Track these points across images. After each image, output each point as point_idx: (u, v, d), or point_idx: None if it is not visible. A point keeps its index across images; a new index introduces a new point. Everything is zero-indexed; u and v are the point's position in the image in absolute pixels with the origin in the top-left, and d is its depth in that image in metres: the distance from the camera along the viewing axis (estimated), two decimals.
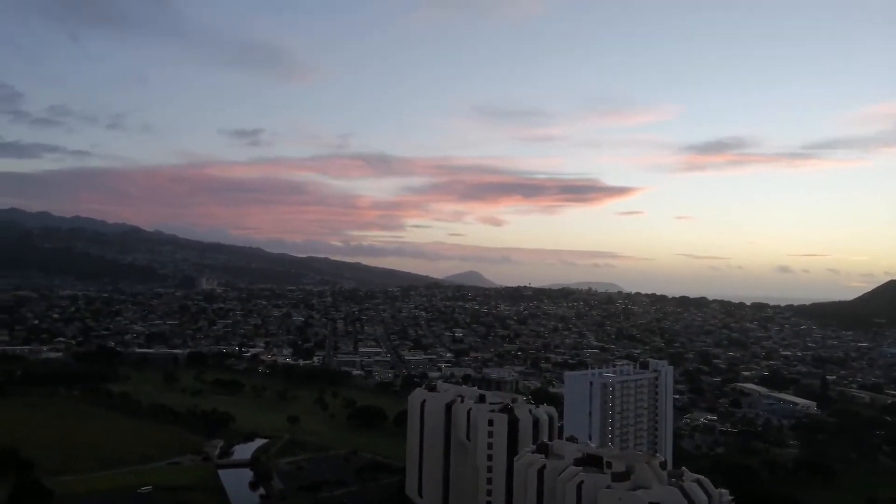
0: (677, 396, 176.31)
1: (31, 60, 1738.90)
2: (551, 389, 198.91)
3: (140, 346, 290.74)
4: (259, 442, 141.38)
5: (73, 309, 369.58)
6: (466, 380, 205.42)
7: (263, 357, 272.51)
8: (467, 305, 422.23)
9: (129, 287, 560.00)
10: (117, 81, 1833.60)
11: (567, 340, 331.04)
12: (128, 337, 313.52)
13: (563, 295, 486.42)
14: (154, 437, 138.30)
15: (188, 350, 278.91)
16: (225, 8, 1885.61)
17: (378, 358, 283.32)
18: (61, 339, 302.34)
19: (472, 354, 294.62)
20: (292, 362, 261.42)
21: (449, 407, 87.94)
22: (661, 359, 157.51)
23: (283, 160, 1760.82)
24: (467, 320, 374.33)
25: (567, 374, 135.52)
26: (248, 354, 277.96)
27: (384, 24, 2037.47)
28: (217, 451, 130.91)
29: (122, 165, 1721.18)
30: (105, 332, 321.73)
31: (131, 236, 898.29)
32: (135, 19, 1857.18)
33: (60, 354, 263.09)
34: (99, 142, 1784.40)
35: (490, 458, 77.57)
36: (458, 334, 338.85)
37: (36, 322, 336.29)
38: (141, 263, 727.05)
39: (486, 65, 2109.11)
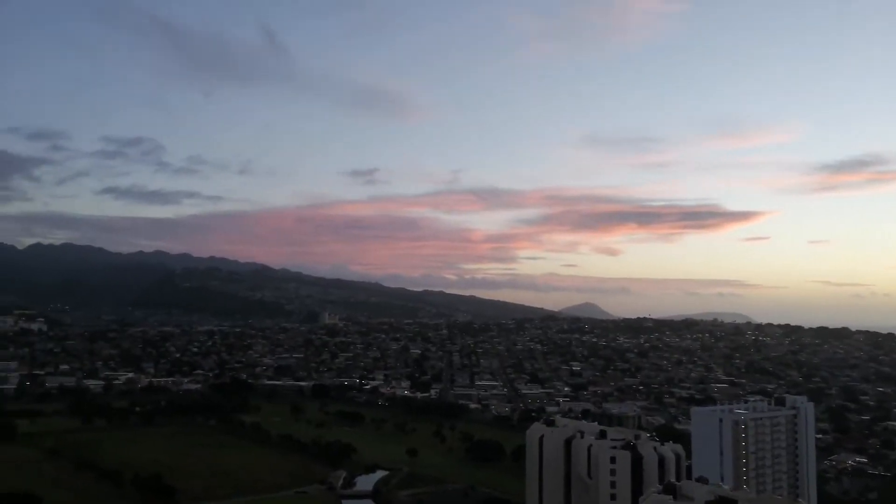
0: (820, 436, 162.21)
1: (171, 117, 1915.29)
2: (677, 426, 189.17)
3: (269, 378, 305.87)
4: (380, 473, 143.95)
5: (209, 343, 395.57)
6: (586, 415, 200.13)
7: (383, 389, 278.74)
8: (584, 338, 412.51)
9: (259, 322, 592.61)
10: (245, 131, 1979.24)
11: (692, 374, 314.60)
12: (258, 370, 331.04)
13: (687, 326, 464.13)
14: (283, 466, 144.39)
15: (313, 382, 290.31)
16: (340, 56, 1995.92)
17: (494, 391, 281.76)
18: (200, 371, 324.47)
19: (591, 389, 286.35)
20: (410, 395, 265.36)
21: (569, 442, 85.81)
22: (798, 394, 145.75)
23: (397, 197, 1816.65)
24: (585, 353, 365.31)
25: (694, 409, 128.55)
26: (368, 387, 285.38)
27: (492, 61, 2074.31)
28: (340, 482, 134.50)
29: (251, 208, 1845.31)
30: (238, 365, 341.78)
31: (260, 274, 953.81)
32: (259, 73, 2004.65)
33: (199, 386, 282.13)
34: (231, 187, 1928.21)
35: (613, 497, 74.79)
36: (576, 368, 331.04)
37: (178, 355, 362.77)
38: (269, 300, 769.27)
39: (596, 93, 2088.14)
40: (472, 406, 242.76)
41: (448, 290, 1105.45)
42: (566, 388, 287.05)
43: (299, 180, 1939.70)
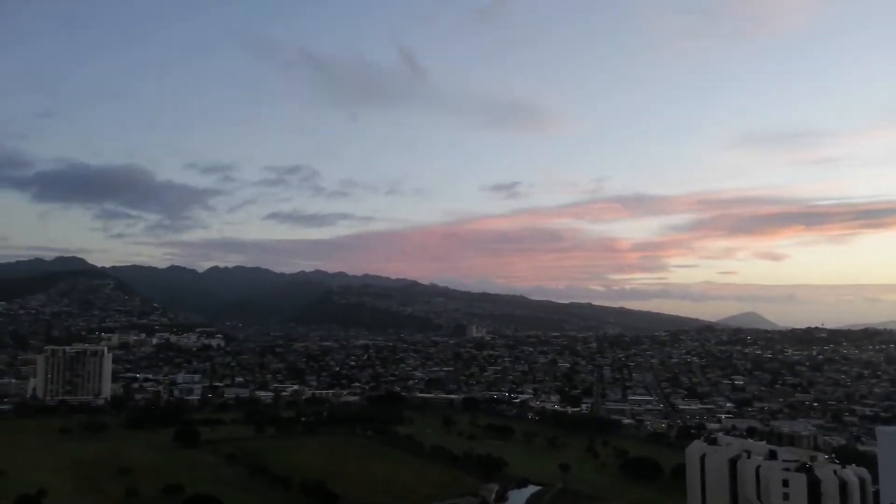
0: None
1: (323, 143, 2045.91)
2: (860, 447, 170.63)
3: (421, 391, 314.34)
4: (532, 488, 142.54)
5: (365, 357, 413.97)
6: (751, 433, 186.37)
7: (532, 403, 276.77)
8: (747, 350, 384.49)
9: (410, 336, 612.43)
10: (391, 152, 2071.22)
11: (876, 390, 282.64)
12: (410, 382, 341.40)
13: (868, 336, 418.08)
14: (436, 477, 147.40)
15: (463, 395, 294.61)
16: (477, 74, 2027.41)
17: (649, 406, 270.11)
18: (357, 384, 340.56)
19: (756, 405, 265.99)
20: (560, 409, 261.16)
21: (734, 462, 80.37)
22: None
23: (540, 209, 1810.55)
24: (748, 366, 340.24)
25: (880, 429, 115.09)
26: (518, 400, 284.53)
27: (632, 64, 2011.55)
28: (493, 496, 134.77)
29: (400, 227, 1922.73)
30: (392, 378, 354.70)
31: (410, 290, 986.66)
32: (401, 95, 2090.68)
33: (357, 398, 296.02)
34: (380, 207, 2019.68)
35: None
36: (739, 382, 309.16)
37: (337, 369, 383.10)
38: (419, 314, 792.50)
39: (748, 89, 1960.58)
40: (626, 421, 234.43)
41: (595, 302, 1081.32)
42: (728, 404, 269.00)
43: (444, 197, 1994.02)
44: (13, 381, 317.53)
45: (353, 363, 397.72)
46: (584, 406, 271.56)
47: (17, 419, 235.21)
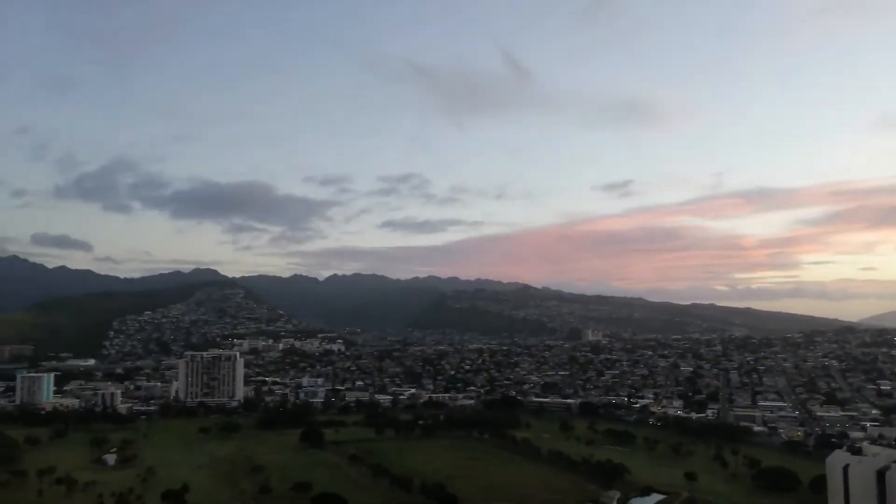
0: None
1: (433, 152, 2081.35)
2: None
3: (536, 395, 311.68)
4: (656, 497, 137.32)
5: (479, 361, 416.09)
6: None
7: (653, 408, 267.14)
8: (894, 352, 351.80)
9: (524, 340, 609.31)
10: (499, 157, 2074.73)
11: None
12: (525, 387, 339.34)
13: None
14: (554, 482, 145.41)
15: (579, 400, 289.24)
16: (583, 73, 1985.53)
17: (782, 413, 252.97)
18: (472, 387, 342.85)
19: None
20: (684, 415, 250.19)
21: (882, 474, 73.72)
22: None
23: (656, 208, 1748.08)
24: None
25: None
26: (638, 405, 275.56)
27: (753, 50, 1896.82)
28: (614, 503, 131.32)
29: (510, 230, 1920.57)
30: (507, 382, 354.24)
31: (523, 293, 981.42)
32: (506, 99, 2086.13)
33: (472, 402, 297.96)
34: (490, 212, 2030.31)
35: None
36: (885, 387, 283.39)
37: (452, 373, 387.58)
38: (533, 318, 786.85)
39: (889, 67, 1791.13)
40: (757, 429, 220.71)
41: (719, 303, 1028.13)
42: (874, 411, 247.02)
43: (555, 199, 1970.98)
44: (158, 384, 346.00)
45: (467, 367, 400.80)
46: (709, 412, 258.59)
47: (162, 419, 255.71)
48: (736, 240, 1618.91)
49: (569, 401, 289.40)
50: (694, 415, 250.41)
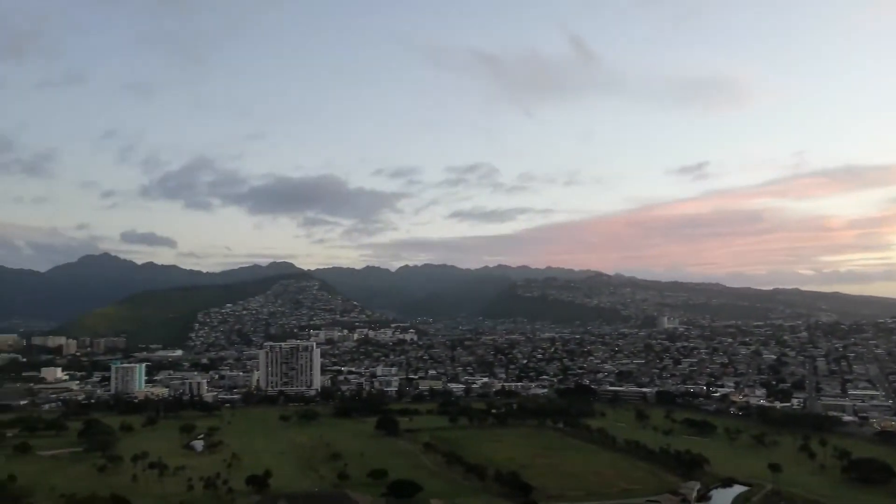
0: None
1: (500, 140, 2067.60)
2: None
3: (611, 384, 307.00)
4: (738, 489, 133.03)
5: (552, 350, 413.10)
6: None
7: (734, 398, 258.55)
8: None
9: (597, 328, 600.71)
10: (568, 142, 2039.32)
11: None
12: (599, 375, 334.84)
13: None
14: (630, 472, 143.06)
15: (656, 388, 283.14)
16: (652, 53, 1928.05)
17: (874, 402, 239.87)
18: (545, 376, 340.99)
19: None
20: (767, 404, 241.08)
21: None
22: None
23: (733, 190, 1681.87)
24: None
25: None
26: (717, 394, 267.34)
27: (830, 22, 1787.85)
28: (694, 494, 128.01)
29: (581, 217, 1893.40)
30: (580, 371, 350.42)
31: (595, 281, 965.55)
32: (573, 83, 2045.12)
33: (545, 391, 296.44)
34: (560, 199, 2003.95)
35: None
36: None
37: (524, 361, 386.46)
38: (605, 306, 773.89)
39: None
40: (846, 418, 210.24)
41: (804, 287, 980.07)
42: None
43: (626, 184, 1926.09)
44: (240, 373, 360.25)
45: (539, 356, 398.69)
46: (794, 401, 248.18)
47: (245, 407, 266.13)
48: (821, 221, 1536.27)
49: (644, 390, 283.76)
50: (778, 404, 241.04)
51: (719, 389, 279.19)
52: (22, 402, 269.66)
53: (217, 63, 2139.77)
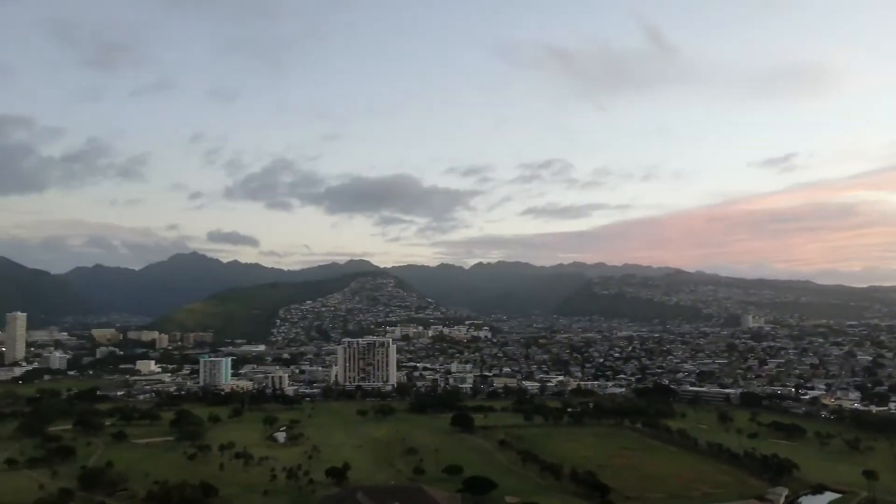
0: None
1: (574, 136, 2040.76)
2: None
3: (692, 384, 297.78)
4: (830, 496, 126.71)
5: (629, 348, 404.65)
6: None
7: (825, 400, 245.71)
8: None
9: (676, 327, 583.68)
10: (645, 137, 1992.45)
11: None
12: (679, 375, 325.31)
13: None
14: (713, 475, 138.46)
15: (740, 390, 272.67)
16: (733, 42, 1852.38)
17: None
18: (622, 375, 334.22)
19: None
20: (862, 408, 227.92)
21: None
22: None
23: (823, 182, 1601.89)
24: None
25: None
26: (807, 397, 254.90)
27: None
28: (782, 500, 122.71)
29: (659, 213, 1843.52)
30: (659, 371, 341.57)
31: (674, 278, 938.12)
32: (650, 76, 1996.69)
33: (623, 390, 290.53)
34: (637, 194, 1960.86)
35: None
36: None
37: (601, 360, 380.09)
38: (685, 304, 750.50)
39: None
40: None
41: None
42: None
43: (706, 178, 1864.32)
44: (320, 368, 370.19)
45: (616, 354, 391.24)
46: (892, 405, 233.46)
47: (324, 401, 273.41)
48: None
49: (728, 391, 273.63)
50: (874, 408, 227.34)
51: (809, 392, 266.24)
52: (119, 393, 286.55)
53: (296, 67, 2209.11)
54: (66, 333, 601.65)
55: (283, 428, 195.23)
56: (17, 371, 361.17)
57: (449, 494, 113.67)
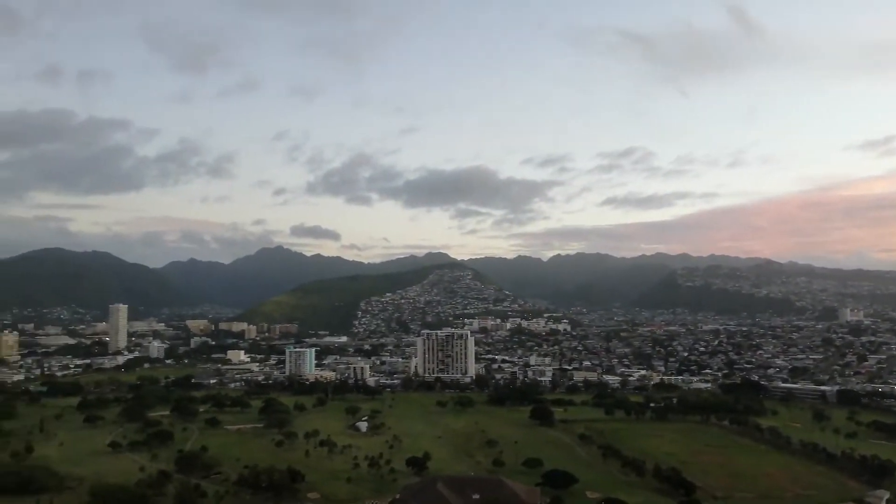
0: None
1: (654, 122, 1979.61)
2: None
3: (783, 380, 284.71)
4: None
5: (715, 342, 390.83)
6: None
7: None
8: None
9: (767, 320, 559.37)
10: (730, 121, 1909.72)
11: None
12: (770, 371, 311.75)
13: None
14: (806, 476, 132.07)
15: (837, 387, 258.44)
16: (828, 19, 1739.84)
17: None
18: (708, 370, 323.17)
19: None
20: None
21: None
22: None
23: None
24: None
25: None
26: None
27: None
28: (882, 503, 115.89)
29: (747, 201, 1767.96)
30: (748, 366, 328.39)
31: (764, 269, 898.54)
32: (735, 58, 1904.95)
33: (708, 385, 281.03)
34: (723, 181, 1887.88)
35: None
36: None
37: (685, 354, 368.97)
38: (776, 296, 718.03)
39: None
40: None
41: None
42: None
43: (798, 163, 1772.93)
44: (400, 359, 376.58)
45: (702, 349, 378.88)
46: None
47: (404, 392, 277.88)
48: None
49: (823, 388, 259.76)
50: None
51: None
52: (212, 381, 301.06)
53: (373, 62, 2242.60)
54: (163, 324, 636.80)
55: (365, 418, 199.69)
56: (120, 359, 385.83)
57: (528, 487, 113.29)
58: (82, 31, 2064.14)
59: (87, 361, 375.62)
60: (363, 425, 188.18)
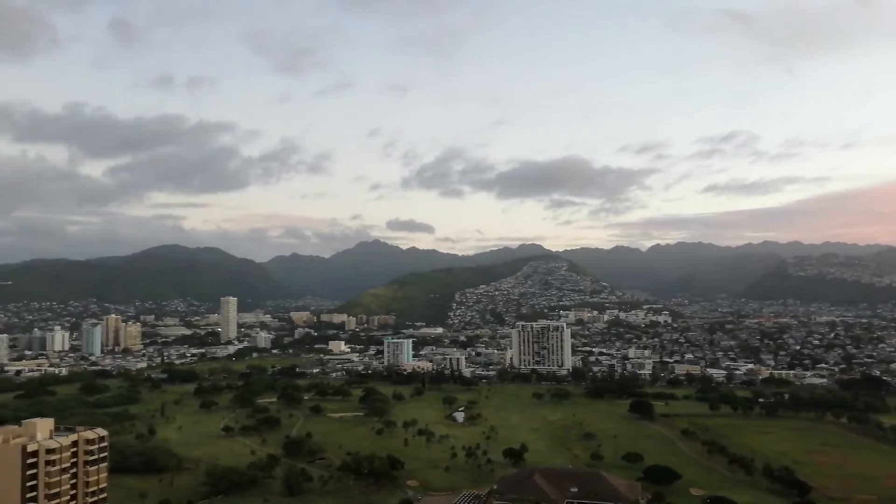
0: None
1: (759, 105, 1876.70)
2: None
3: None
4: None
5: (831, 335, 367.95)
6: None
7: None
8: None
9: (889, 311, 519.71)
10: (844, 100, 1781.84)
11: None
12: (893, 366, 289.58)
13: None
14: None
15: None
16: None
17: None
18: (823, 365, 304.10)
19: None
20: None
21: None
22: None
23: None
24: None
25: None
26: None
27: None
28: None
29: (865, 184, 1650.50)
30: (868, 360, 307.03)
31: (886, 257, 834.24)
32: (846, 34, 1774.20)
33: (824, 380, 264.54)
34: (836, 164, 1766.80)
35: None
36: None
37: (797, 348, 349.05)
38: None
39: None
40: None
41: None
42: None
43: None
44: (495, 351, 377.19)
45: (816, 342, 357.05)
46: None
47: (499, 383, 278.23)
48: None
49: None
50: None
51: None
52: (315, 370, 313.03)
53: (463, 57, 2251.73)
54: (269, 316, 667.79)
55: (462, 408, 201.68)
56: (231, 349, 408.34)
57: (629, 482, 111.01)
58: (190, 39, 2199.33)
59: (202, 350, 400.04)
60: (460, 416, 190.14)
